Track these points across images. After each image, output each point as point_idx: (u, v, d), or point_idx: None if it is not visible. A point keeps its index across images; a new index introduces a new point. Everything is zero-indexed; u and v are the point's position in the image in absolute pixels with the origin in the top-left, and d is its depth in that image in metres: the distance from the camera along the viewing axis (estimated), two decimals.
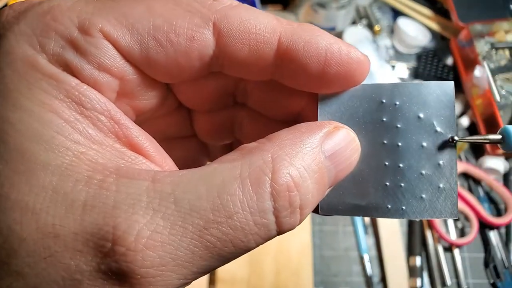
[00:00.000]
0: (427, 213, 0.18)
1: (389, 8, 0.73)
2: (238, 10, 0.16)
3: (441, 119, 0.18)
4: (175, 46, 0.16)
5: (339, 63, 0.17)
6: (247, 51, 0.16)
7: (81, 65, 0.15)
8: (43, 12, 0.15)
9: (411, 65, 0.68)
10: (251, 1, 0.72)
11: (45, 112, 0.14)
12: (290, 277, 0.51)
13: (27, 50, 0.14)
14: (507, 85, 0.61)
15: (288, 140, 0.15)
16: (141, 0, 0.16)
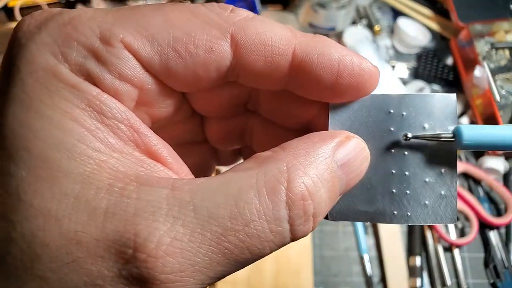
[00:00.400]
0: (429, 219, 0.19)
1: (389, 8, 0.73)
2: (254, 22, 0.16)
3: (444, 129, 0.19)
4: (194, 57, 0.16)
5: (351, 74, 0.17)
6: (262, 62, 0.17)
7: (102, 74, 0.15)
8: (64, 22, 0.15)
9: (411, 65, 0.68)
10: (251, 1, 0.72)
11: (67, 121, 0.14)
12: (290, 277, 0.51)
13: (49, 60, 0.15)
14: (507, 85, 0.61)
15: (302, 149, 0.16)
16: (158, 10, 0.16)
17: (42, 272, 0.14)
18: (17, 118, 0.14)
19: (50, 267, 0.14)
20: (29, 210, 0.14)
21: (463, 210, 0.55)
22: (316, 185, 0.15)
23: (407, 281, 0.52)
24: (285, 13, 0.70)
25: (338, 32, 0.69)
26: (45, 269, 0.14)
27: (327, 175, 0.16)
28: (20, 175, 0.14)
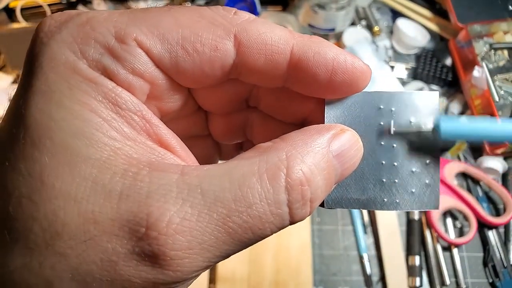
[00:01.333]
0: (415, 205, 0.20)
1: (388, 9, 0.73)
2: (256, 23, 0.18)
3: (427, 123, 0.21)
4: (201, 55, 0.17)
5: (344, 71, 0.18)
6: (263, 61, 0.18)
7: (117, 70, 0.16)
8: (83, 23, 0.17)
9: (410, 66, 0.69)
10: (251, 3, 0.72)
11: (85, 111, 0.16)
12: (290, 276, 0.52)
13: (69, 56, 0.16)
14: (506, 85, 0.62)
15: (300, 140, 0.17)
16: (167, 12, 0.17)
17: (62, 248, 0.15)
18: (40, 109, 0.16)
19: (69, 244, 0.15)
20: (51, 192, 0.15)
21: (462, 209, 0.55)
22: (313, 173, 0.16)
23: (406, 280, 0.52)
24: (284, 14, 0.71)
25: (337, 33, 0.70)
26: (64, 246, 0.15)
27: (323, 163, 0.17)
28: (43, 160, 0.15)
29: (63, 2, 0.72)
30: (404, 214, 0.58)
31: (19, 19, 0.72)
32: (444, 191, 0.56)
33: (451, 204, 0.55)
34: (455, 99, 0.66)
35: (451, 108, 0.65)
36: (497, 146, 0.58)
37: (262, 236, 0.16)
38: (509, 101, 0.61)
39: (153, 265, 0.15)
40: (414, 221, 0.56)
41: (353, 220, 0.57)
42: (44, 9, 0.72)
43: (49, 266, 0.15)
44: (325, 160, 0.17)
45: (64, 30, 0.17)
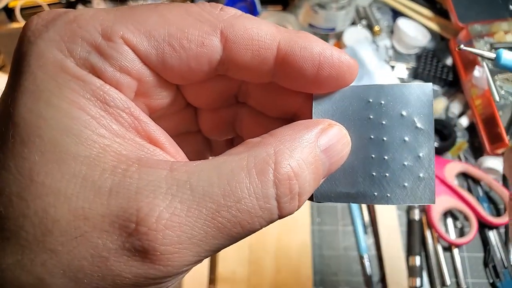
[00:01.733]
0: (408, 199, 0.20)
1: (388, 8, 0.73)
2: (242, 19, 0.18)
3: (421, 116, 0.20)
4: (187, 51, 0.17)
5: (331, 66, 0.18)
6: (250, 56, 0.18)
7: (104, 67, 0.17)
8: (69, 21, 0.17)
9: (411, 66, 0.69)
10: (251, 2, 0.72)
11: (74, 109, 0.16)
12: (290, 276, 0.52)
13: (57, 55, 0.16)
14: (506, 85, 0.62)
15: (288, 135, 0.17)
16: (154, 9, 0.17)
17: (52, 245, 0.15)
18: (29, 108, 0.16)
19: (60, 241, 0.15)
20: (41, 189, 0.15)
21: (462, 209, 0.55)
22: (301, 167, 0.17)
23: (406, 281, 0.52)
24: (285, 14, 0.70)
25: (338, 33, 0.69)
26: (55, 242, 0.15)
27: (311, 158, 0.17)
28: (33, 158, 0.15)
29: (63, 2, 0.72)
30: (405, 214, 0.58)
31: (18, 19, 0.72)
32: (445, 191, 0.56)
33: (452, 204, 0.55)
34: (456, 99, 0.65)
35: (452, 108, 0.64)
36: (497, 146, 0.58)
37: (251, 231, 0.16)
38: (509, 101, 0.61)
39: (143, 260, 0.15)
40: (415, 222, 0.56)
41: (354, 220, 0.57)
42: (43, 9, 0.72)
43: (40, 263, 0.15)
44: (313, 155, 0.17)
45: (51, 28, 0.17)
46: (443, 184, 0.57)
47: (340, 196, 0.20)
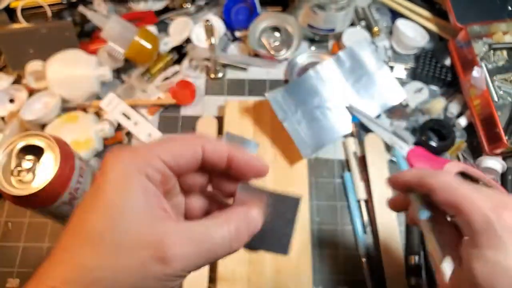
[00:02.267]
0: (280, 250, 0.32)
1: (387, 9, 0.73)
2: (210, 142, 0.31)
3: (290, 215, 0.32)
4: (187, 163, 0.30)
5: (253, 173, 0.32)
6: (217, 160, 0.31)
7: (153, 174, 0.28)
8: (137, 153, 0.28)
9: (410, 66, 0.69)
10: (251, 3, 0.73)
11: (139, 203, 0.27)
12: (290, 276, 0.52)
13: (132, 174, 0.27)
14: (505, 85, 0.62)
15: (232, 219, 0.29)
16: (163, 142, 0.29)
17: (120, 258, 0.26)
18: (107, 216, 0.26)
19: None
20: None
21: None
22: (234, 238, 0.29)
23: (405, 280, 0.53)
24: (284, 15, 0.71)
25: (337, 33, 0.70)
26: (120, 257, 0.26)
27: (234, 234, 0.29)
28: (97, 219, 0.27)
29: (64, 3, 0.73)
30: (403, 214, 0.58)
31: (19, 20, 0.72)
32: None
33: None
34: (454, 99, 0.66)
35: (450, 109, 0.65)
36: (496, 146, 0.58)
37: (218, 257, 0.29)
38: (508, 101, 0.61)
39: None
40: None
41: (353, 220, 0.57)
42: (44, 9, 0.72)
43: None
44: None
45: (127, 158, 0.27)
46: None
47: (258, 247, 0.32)
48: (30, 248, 0.57)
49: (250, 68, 0.70)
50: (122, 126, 0.64)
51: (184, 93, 0.66)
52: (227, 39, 0.73)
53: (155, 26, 0.72)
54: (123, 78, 0.69)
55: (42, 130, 0.63)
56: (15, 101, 0.66)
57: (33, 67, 0.65)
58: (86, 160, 0.54)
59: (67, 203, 0.48)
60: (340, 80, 0.64)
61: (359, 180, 0.59)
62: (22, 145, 0.46)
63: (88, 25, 0.74)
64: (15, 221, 0.59)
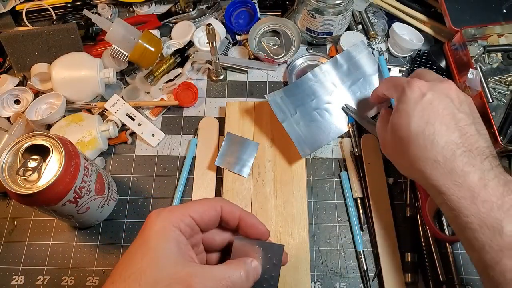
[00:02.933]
0: None
1: (384, 13, 0.75)
2: (232, 206, 0.41)
3: (276, 262, 0.40)
4: (210, 220, 0.40)
5: (257, 234, 0.41)
6: (232, 221, 0.41)
7: (184, 227, 0.37)
8: (170, 212, 0.37)
9: (406, 68, 0.70)
10: (252, 8, 0.74)
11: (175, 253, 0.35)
12: (289, 272, 0.53)
13: (170, 229, 0.36)
14: (499, 87, 0.63)
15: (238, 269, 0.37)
16: (193, 204, 0.39)
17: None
18: (156, 265, 0.34)
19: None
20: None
21: None
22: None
23: (402, 277, 0.54)
24: (283, 19, 0.72)
25: (334, 37, 0.71)
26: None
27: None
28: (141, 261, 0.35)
29: (68, 6, 0.74)
30: (400, 211, 0.59)
31: (25, 22, 0.73)
32: None
33: None
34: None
35: None
36: None
37: None
38: (502, 102, 0.62)
39: None
40: (410, 219, 0.57)
41: (350, 217, 0.59)
42: (49, 12, 0.73)
43: None
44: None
45: (163, 217, 0.37)
46: None
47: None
48: (35, 246, 0.58)
49: (250, 70, 0.72)
50: (126, 127, 0.66)
51: (186, 95, 0.68)
52: (228, 42, 0.74)
53: (158, 30, 0.74)
54: (127, 80, 0.70)
55: (47, 130, 0.64)
56: (21, 102, 0.67)
57: (38, 69, 0.66)
58: (91, 159, 0.55)
59: (72, 202, 0.49)
60: (337, 82, 0.66)
61: (356, 179, 0.60)
62: (28, 145, 0.47)
63: (93, 28, 0.76)
64: (21, 220, 0.60)
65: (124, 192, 0.62)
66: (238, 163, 0.60)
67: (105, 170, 0.60)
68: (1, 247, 0.58)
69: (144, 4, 0.77)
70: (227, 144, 0.61)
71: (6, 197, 0.62)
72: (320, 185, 0.61)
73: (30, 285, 0.56)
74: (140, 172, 0.63)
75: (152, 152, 0.65)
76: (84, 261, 0.57)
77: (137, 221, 0.60)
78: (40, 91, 0.68)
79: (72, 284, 0.56)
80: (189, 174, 0.62)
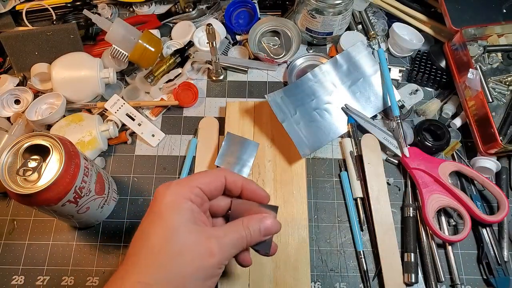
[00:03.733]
0: (264, 250, 0.44)
1: (384, 13, 0.75)
2: (232, 174, 0.43)
3: None
4: (216, 189, 0.42)
5: (258, 199, 0.44)
6: (236, 189, 0.43)
7: (195, 197, 0.39)
8: (180, 184, 0.39)
9: (406, 68, 0.70)
10: (252, 8, 0.74)
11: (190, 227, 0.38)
12: (289, 272, 0.53)
13: (179, 199, 0.38)
14: (499, 86, 0.63)
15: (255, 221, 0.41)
16: (199, 176, 0.41)
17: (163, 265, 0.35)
18: (164, 237, 0.36)
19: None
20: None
21: (456, 208, 0.56)
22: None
23: (402, 277, 0.54)
24: (283, 19, 0.72)
25: (334, 37, 0.71)
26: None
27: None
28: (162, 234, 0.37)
29: (68, 6, 0.74)
30: (399, 212, 0.59)
31: (25, 22, 0.73)
32: (439, 190, 0.58)
33: (446, 202, 0.57)
34: (450, 101, 0.67)
35: (446, 109, 0.66)
36: (490, 146, 0.59)
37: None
38: (502, 102, 0.62)
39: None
40: (409, 219, 0.57)
41: (350, 217, 0.59)
42: (49, 12, 0.73)
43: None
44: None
45: (173, 189, 0.38)
46: (437, 183, 0.58)
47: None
48: (35, 246, 0.58)
49: (250, 70, 0.72)
50: (126, 127, 0.66)
51: (186, 95, 0.68)
52: (228, 42, 0.74)
53: (158, 30, 0.74)
54: (127, 80, 0.70)
55: (47, 130, 0.64)
56: (21, 102, 0.67)
57: (38, 69, 0.66)
58: (91, 159, 0.55)
59: (72, 202, 0.49)
60: (337, 82, 0.66)
61: (356, 178, 0.60)
62: (28, 145, 0.47)
63: (93, 28, 0.76)
64: (21, 220, 0.60)
65: (124, 192, 0.62)
66: (238, 163, 0.60)
67: (105, 170, 0.60)
68: (1, 247, 0.58)
69: (144, 4, 0.77)
70: (227, 144, 0.61)
71: (6, 197, 0.62)
72: (320, 185, 0.61)
73: (30, 285, 0.56)
74: (140, 172, 0.63)
75: (152, 152, 0.65)
76: (84, 261, 0.57)
77: (137, 221, 0.59)
78: (40, 91, 0.68)
79: (72, 284, 0.56)
80: (189, 174, 0.62)
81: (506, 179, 0.61)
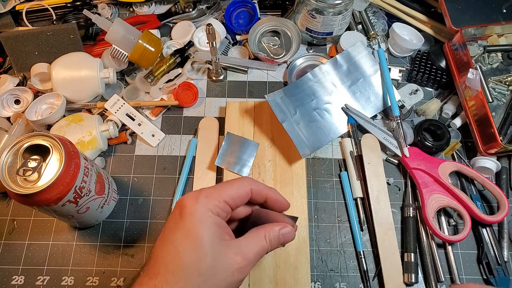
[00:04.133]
0: None
1: (384, 13, 0.75)
2: (258, 185, 0.43)
3: None
4: (241, 202, 0.42)
5: (280, 208, 0.44)
6: (260, 200, 0.43)
7: (220, 212, 0.39)
8: (205, 196, 0.39)
9: (406, 68, 0.70)
10: (252, 8, 0.74)
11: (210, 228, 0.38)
12: (289, 272, 0.53)
13: (204, 211, 0.38)
14: (499, 86, 0.63)
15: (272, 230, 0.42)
16: (225, 187, 0.41)
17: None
18: (184, 246, 0.37)
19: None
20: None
21: (456, 208, 0.56)
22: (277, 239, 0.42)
23: (402, 277, 0.54)
24: (283, 19, 0.72)
25: (334, 37, 0.71)
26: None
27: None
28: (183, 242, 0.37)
29: (68, 6, 0.74)
30: (399, 212, 0.59)
31: (25, 22, 0.73)
32: (439, 190, 0.58)
33: (446, 202, 0.57)
34: (450, 101, 0.67)
35: (446, 109, 0.66)
36: (490, 146, 0.59)
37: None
38: (502, 102, 0.62)
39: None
40: (409, 219, 0.57)
41: (350, 217, 0.59)
42: (49, 12, 0.73)
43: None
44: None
45: (198, 200, 0.38)
46: (437, 183, 0.58)
47: None
48: (35, 246, 0.58)
49: (250, 70, 0.72)
50: (126, 127, 0.66)
51: (186, 95, 0.68)
52: (228, 42, 0.74)
53: (158, 30, 0.74)
54: (127, 80, 0.70)
55: (47, 130, 0.64)
56: (21, 102, 0.67)
57: (38, 69, 0.66)
58: (91, 159, 0.55)
59: (72, 202, 0.49)
60: (337, 82, 0.66)
61: (356, 178, 0.60)
62: (28, 145, 0.47)
63: (93, 28, 0.76)
64: (21, 220, 0.60)
65: (124, 192, 0.62)
66: (238, 163, 0.60)
67: (105, 170, 0.60)
68: (1, 247, 0.58)
69: (144, 4, 0.77)
70: (227, 144, 0.61)
71: (6, 197, 0.62)
72: (320, 185, 0.61)
73: (30, 285, 0.56)
74: (140, 172, 0.63)
75: (152, 152, 0.65)
76: (84, 261, 0.57)
77: (137, 221, 0.60)
78: (40, 91, 0.68)
79: (72, 284, 0.56)
80: (189, 174, 0.62)
81: (506, 179, 0.61)
